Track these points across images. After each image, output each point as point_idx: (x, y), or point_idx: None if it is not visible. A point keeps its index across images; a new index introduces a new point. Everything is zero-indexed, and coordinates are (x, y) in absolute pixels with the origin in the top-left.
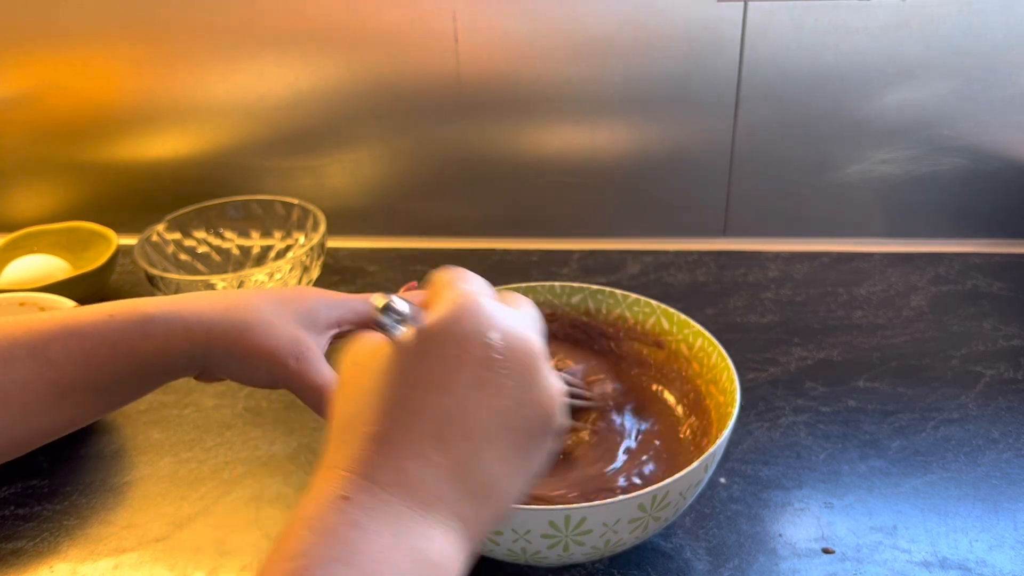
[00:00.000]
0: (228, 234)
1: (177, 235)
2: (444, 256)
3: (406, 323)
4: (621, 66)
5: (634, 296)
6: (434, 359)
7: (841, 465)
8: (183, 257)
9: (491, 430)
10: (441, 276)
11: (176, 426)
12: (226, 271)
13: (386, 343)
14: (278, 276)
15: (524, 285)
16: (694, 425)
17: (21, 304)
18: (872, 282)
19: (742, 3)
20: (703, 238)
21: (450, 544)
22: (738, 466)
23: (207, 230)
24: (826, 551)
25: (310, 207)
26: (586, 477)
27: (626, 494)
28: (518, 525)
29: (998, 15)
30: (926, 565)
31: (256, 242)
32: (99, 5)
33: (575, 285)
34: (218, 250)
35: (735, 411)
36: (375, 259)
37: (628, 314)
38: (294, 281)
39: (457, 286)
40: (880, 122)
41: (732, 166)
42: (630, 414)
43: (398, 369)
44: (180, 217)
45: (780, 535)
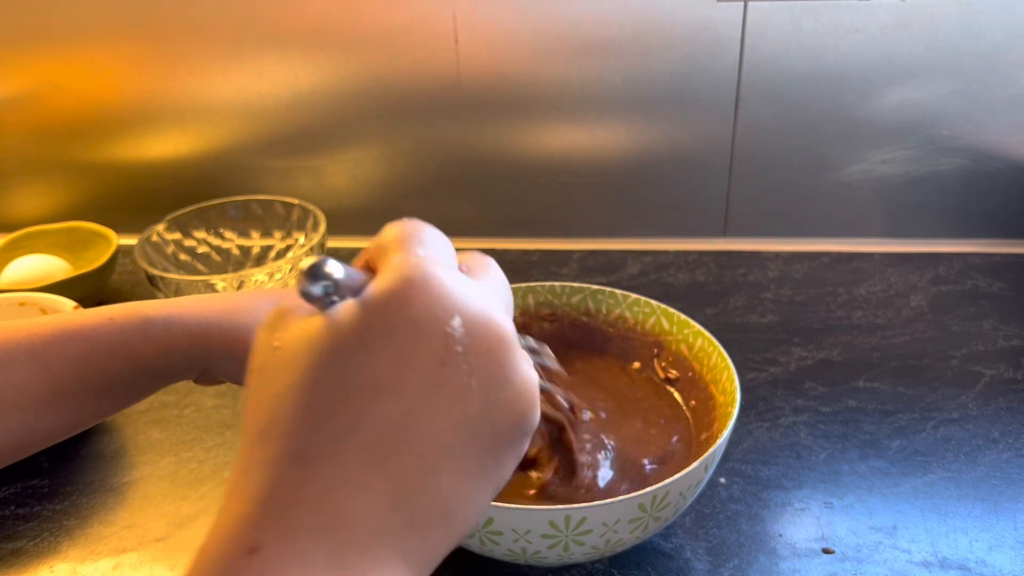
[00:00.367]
0: (228, 234)
1: (177, 235)
2: None
3: (341, 294)
4: (621, 66)
5: (634, 296)
6: (376, 353)
7: (841, 465)
8: (183, 257)
9: (449, 442)
10: (390, 231)
11: (176, 426)
12: (226, 271)
13: (315, 322)
14: (278, 276)
15: (524, 285)
16: (694, 425)
17: (21, 304)
18: (872, 282)
19: (742, 3)
20: (703, 238)
21: None
22: (738, 466)
23: (207, 230)
24: (826, 551)
25: (310, 207)
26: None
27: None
28: (518, 525)
29: (998, 15)
30: (926, 565)
31: (256, 242)
32: (99, 5)
33: (575, 285)
34: (218, 250)
35: (735, 411)
36: None
37: (628, 314)
38: (294, 281)
39: (408, 249)
40: (880, 122)
41: (732, 166)
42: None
43: (329, 362)
44: (180, 217)
45: (780, 535)
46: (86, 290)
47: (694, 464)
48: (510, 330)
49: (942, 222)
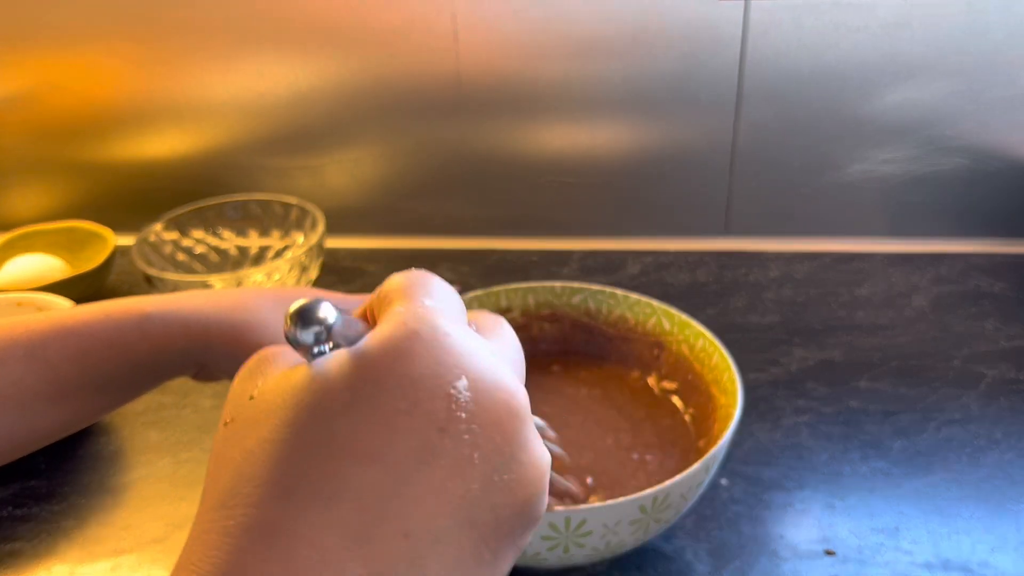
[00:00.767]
0: (226, 234)
1: (175, 235)
2: (444, 256)
3: (332, 343)
4: (621, 65)
5: (635, 296)
6: (367, 412)
7: (843, 466)
8: (181, 257)
9: (441, 524)
10: (395, 280)
11: (174, 427)
12: (224, 271)
13: (299, 372)
14: (276, 276)
15: (524, 285)
16: (695, 426)
17: (19, 304)
18: (873, 282)
19: (743, 2)
20: (704, 238)
21: None
22: (739, 467)
23: (205, 230)
24: (828, 553)
25: (309, 207)
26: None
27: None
28: None
29: (1000, 14)
30: (928, 567)
31: (254, 242)
32: (97, 4)
33: (575, 285)
34: (216, 250)
35: (737, 412)
36: (374, 259)
37: (629, 314)
38: (292, 281)
39: (414, 299)
40: (881, 122)
41: (733, 166)
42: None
43: (310, 419)
44: (178, 217)
45: (781, 536)
46: (84, 290)
47: (695, 465)
48: (523, 399)
49: (944, 222)
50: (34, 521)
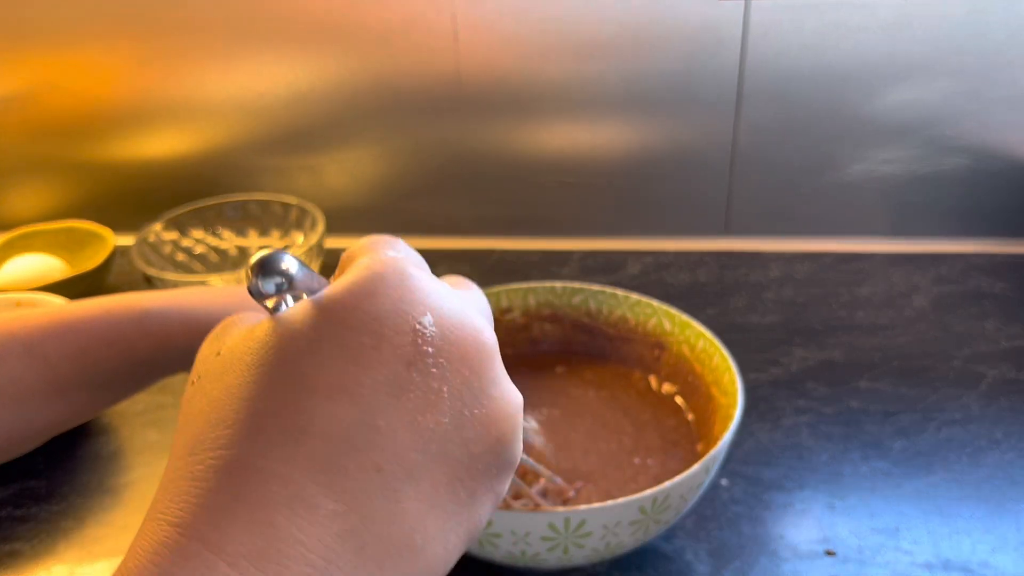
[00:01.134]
0: (226, 234)
1: (174, 235)
2: (444, 256)
3: (294, 292)
4: (622, 65)
5: (635, 297)
6: (333, 349)
7: (843, 466)
8: (180, 257)
9: (414, 459)
10: (358, 242)
11: (173, 427)
12: (224, 271)
13: (263, 324)
14: None
15: (525, 285)
16: (696, 428)
17: (18, 304)
18: (874, 282)
19: (743, 2)
20: (704, 238)
21: None
22: (739, 467)
23: (205, 230)
24: (828, 553)
25: (308, 207)
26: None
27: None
28: (517, 527)
29: (1001, 14)
30: (929, 567)
31: (254, 242)
32: (96, 4)
33: (576, 286)
34: (216, 250)
35: (737, 414)
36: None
37: (629, 315)
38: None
39: (377, 251)
40: (882, 121)
41: (733, 165)
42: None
43: (276, 361)
44: (177, 217)
45: (782, 537)
46: (83, 290)
47: (695, 466)
48: (490, 337)
49: (945, 222)
50: (33, 521)
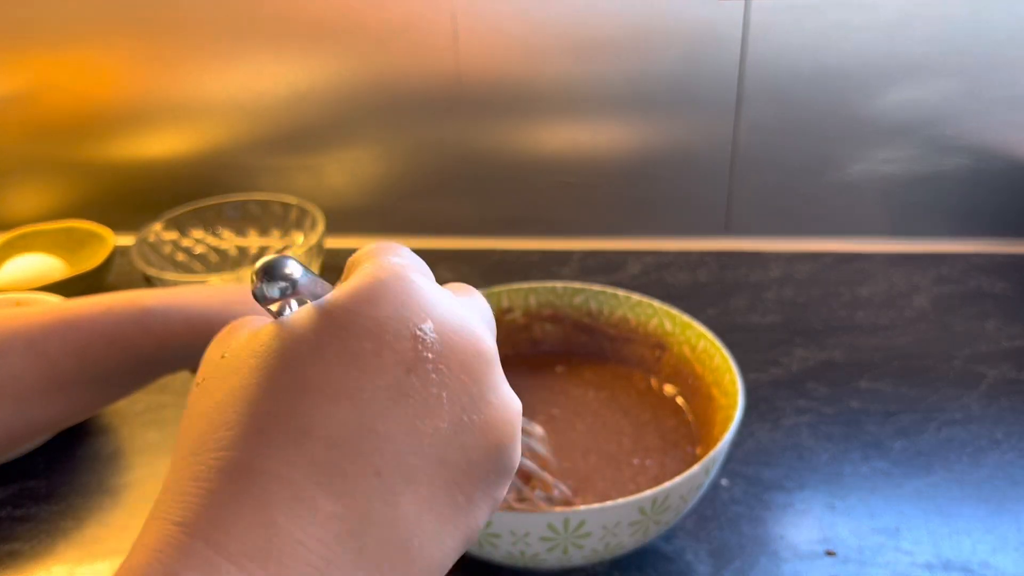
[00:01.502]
0: (226, 234)
1: (174, 235)
2: (444, 256)
3: (298, 296)
4: (622, 65)
5: (636, 297)
6: (335, 353)
7: (843, 466)
8: (180, 257)
9: (413, 463)
10: (362, 249)
11: (173, 427)
12: (224, 271)
13: (266, 328)
14: None
15: (526, 286)
16: (695, 427)
17: (18, 304)
18: (874, 282)
19: (743, 2)
20: (704, 238)
21: None
22: (740, 467)
23: (204, 230)
24: (828, 553)
25: (308, 206)
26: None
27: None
28: (517, 527)
29: (1002, 14)
30: (929, 567)
31: (254, 242)
32: (95, 4)
33: (577, 286)
34: (216, 250)
35: (737, 415)
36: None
37: (630, 315)
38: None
39: (380, 257)
40: (883, 121)
41: (734, 165)
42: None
43: (279, 365)
44: (177, 217)
45: (782, 537)
46: (83, 290)
47: (695, 467)
48: (490, 344)
49: (945, 222)
50: (33, 522)
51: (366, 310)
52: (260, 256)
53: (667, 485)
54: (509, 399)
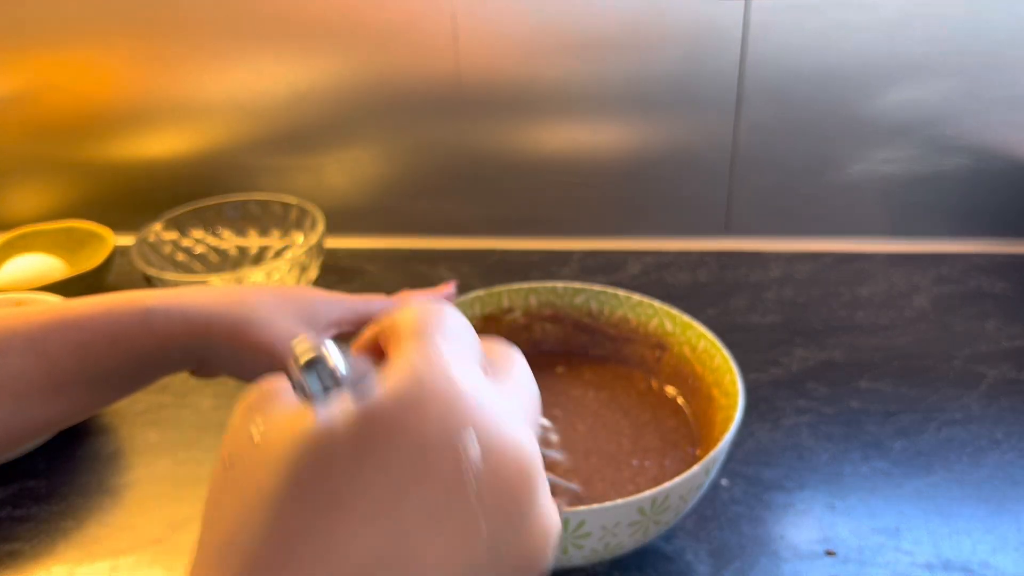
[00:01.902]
0: (226, 234)
1: (174, 235)
2: (444, 256)
3: (340, 389)
4: (622, 65)
5: (637, 297)
6: (373, 467)
7: (843, 466)
8: (180, 257)
9: None
10: (408, 313)
11: (174, 427)
12: (224, 271)
13: (304, 420)
14: (276, 276)
15: (526, 285)
16: (695, 427)
17: (18, 304)
18: (874, 282)
19: (743, 2)
20: (704, 238)
21: None
22: (740, 467)
23: (204, 230)
24: (828, 553)
25: (308, 206)
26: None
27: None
28: None
29: (1002, 14)
30: (929, 567)
31: (254, 242)
32: (96, 4)
33: (577, 286)
34: (216, 250)
35: (737, 415)
36: (374, 259)
37: (631, 315)
38: (292, 281)
39: (426, 340)
40: (883, 121)
41: (734, 165)
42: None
43: (314, 472)
44: (177, 217)
45: (782, 537)
46: (83, 290)
47: (695, 468)
48: (534, 456)
49: (945, 222)
50: (33, 522)
51: (411, 420)
52: (260, 257)
53: (667, 485)
54: (548, 518)
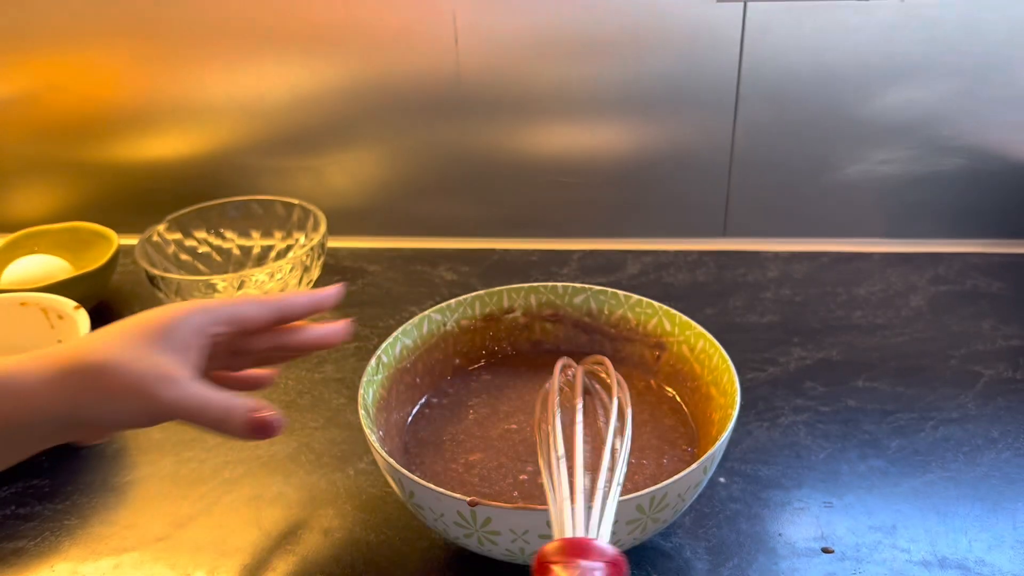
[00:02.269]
0: (229, 234)
1: (178, 235)
2: (444, 256)
3: None
4: (621, 66)
5: (636, 297)
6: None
7: (840, 465)
8: (184, 257)
9: None
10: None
11: (177, 426)
12: (227, 271)
13: None
14: (279, 276)
15: (527, 285)
16: (694, 426)
17: (22, 304)
18: (871, 282)
19: (741, 3)
20: (703, 238)
21: None
22: (738, 466)
23: (208, 230)
24: (825, 550)
25: (310, 207)
26: None
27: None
28: (516, 525)
29: (998, 14)
30: (925, 564)
31: (257, 242)
32: (98, 5)
33: (577, 286)
34: (219, 250)
35: (735, 413)
36: (375, 259)
37: (630, 315)
38: (294, 281)
39: None
40: (880, 122)
41: (732, 166)
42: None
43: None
44: (180, 217)
45: (779, 534)
46: (87, 290)
47: (693, 466)
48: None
49: (942, 222)
50: (37, 520)
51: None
52: (263, 257)
53: (665, 483)
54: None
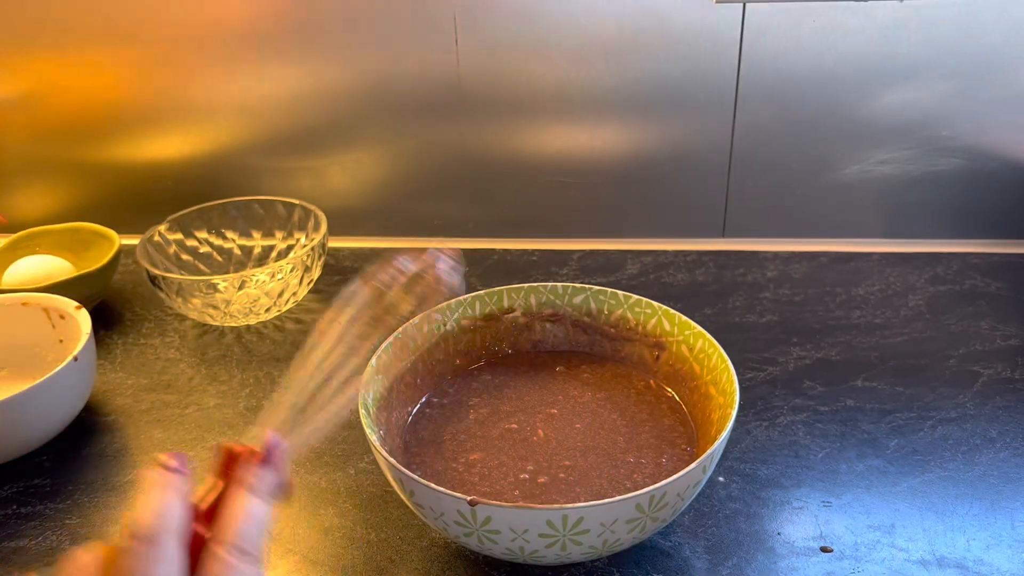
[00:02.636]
0: (230, 234)
1: (179, 235)
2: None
3: None
4: (620, 67)
5: (635, 297)
6: None
7: (839, 464)
8: (185, 257)
9: None
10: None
11: (178, 425)
12: (228, 271)
13: None
14: (279, 276)
15: (527, 285)
16: (693, 425)
17: (24, 304)
18: (870, 282)
19: (740, 5)
20: (702, 238)
21: None
22: (737, 465)
23: (209, 230)
24: (824, 550)
25: (311, 207)
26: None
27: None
28: (516, 524)
29: (997, 15)
30: (923, 564)
31: (257, 242)
32: (100, 6)
33: (577, 285)
34: (220, 250)
35: (733, 413)
36: (376, 259)
37: (630, 315)
38: (295, 281)
39: None
40: (879, 122)
41: (731, 167)
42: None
43: None
44: (182, 217)
45: (778, 533)
46: (88, 290)
47: (692, 465)
48: None
49: (940, 222)
50: (39, 519)
51: None
52: (264, 257)
53: (664, 483)
54: None
